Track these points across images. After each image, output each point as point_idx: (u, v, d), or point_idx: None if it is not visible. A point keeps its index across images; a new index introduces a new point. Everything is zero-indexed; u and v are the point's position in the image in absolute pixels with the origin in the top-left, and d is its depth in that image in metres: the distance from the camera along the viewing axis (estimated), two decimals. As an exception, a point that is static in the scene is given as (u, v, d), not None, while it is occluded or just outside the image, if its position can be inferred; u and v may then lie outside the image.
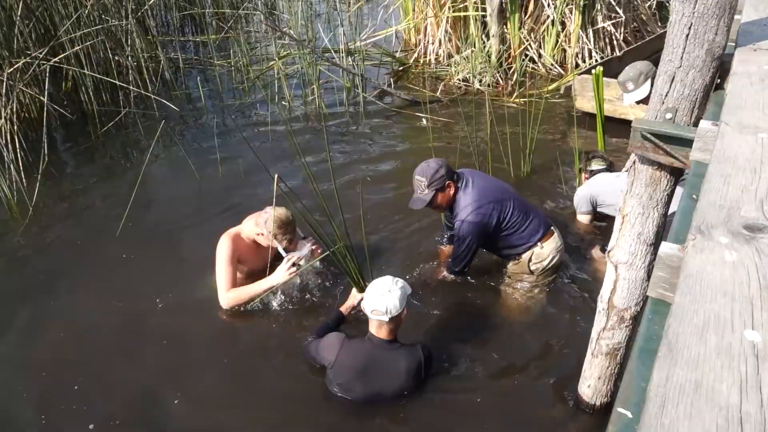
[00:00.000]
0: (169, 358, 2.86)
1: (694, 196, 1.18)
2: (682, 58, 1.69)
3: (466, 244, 3.02)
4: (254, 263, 3.15)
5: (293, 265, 2.99)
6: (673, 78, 1.73)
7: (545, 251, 3.11)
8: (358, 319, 2.96)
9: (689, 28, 1.65)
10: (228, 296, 2.98)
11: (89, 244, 3.74)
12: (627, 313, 2.18)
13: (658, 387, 0.63)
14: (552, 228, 3.18)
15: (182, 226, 3.90)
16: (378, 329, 2.56)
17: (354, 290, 2.97)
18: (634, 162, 1.95)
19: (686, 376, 0.64)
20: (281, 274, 2.97)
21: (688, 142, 1.72)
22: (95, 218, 4.00)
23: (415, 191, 3.05)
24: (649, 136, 1.77)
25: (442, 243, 3.56)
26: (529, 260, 3.12)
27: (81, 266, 3.54)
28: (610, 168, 3.70)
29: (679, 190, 1.96)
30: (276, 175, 2.69)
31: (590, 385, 2.45)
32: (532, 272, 3.14)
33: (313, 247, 3.11)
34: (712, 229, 0.91)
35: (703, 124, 1.45)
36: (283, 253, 3.03)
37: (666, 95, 1.76)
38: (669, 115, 1.77)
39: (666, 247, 0.93)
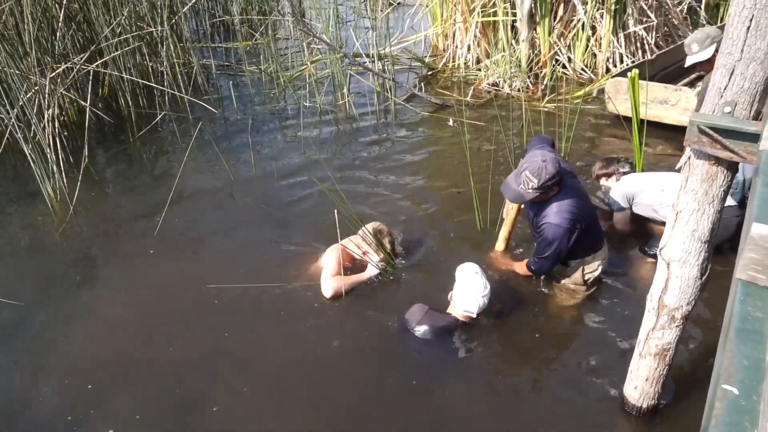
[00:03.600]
0: (203, 357, 2.89)
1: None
2: (742, 50, 1.67)
3: (555, 246, 2.90)
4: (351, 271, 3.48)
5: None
6: (733, 71, 1.71)
7: (595, 262, 3.12)
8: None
9: (750, 20, 1.63)
10: (331, 282, 3.23)
11: (126, 242, 3.81)
12: (678, 312, 2.14)
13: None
14: (603, 239, 3.19)
15: (217, 226, 3.95)
16: (462, 317, 2.92)
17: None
18: (688, 158, 1.92)
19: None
20: (373, 270, 3.36)
21: (748, 136, 1.70)
22: (132, 218, 4.07)
23: (518, 184, 2.84)
24: (706, 130, 1.75)
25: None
26: (582, 270, 3.11)
27: (118, 264, 3.60)
28: (633, 169, 3.81)
29: None
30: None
31: (637, 387, 2.41)
32: (585, 282, 3.15)
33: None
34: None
35: (775, 113, 1.42)
36: (373, 264, 3.36)
37: (725, 88, 1.74)
38: (728, 109, 1.74)
39: (759, 228, 0.91)
